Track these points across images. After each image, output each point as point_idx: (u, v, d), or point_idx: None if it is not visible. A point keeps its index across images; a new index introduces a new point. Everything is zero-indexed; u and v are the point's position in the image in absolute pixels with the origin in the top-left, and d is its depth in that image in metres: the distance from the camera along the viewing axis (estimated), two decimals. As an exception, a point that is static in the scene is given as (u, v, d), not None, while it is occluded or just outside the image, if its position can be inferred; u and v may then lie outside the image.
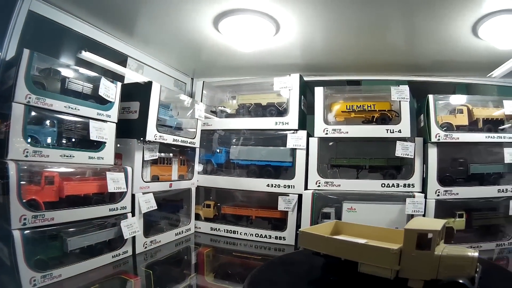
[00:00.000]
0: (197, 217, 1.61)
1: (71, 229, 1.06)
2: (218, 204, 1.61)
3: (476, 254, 0.76)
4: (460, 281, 0.73)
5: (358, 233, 1.08)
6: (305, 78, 1.62)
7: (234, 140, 1.60)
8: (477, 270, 0.78)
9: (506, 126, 1.56)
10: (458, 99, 1.56)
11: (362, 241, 0.93)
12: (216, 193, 1.64)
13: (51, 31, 1.22)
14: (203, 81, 1.65)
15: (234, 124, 1.57)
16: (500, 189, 1.50)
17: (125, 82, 1.52)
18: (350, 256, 0.86)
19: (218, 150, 1.58)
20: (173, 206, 1.55)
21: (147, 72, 1.62)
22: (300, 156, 1.45)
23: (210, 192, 1.65)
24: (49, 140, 1.07)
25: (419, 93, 1.61)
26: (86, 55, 1.38)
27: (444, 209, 1.49)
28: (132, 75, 1.55)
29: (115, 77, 1.45)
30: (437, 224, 0.83)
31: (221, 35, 1.36)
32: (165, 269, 1.24)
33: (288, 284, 0.90)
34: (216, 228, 1.57)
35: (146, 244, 1.33)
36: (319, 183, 1.44)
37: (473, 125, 1.53)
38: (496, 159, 1.53)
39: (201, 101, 1.61)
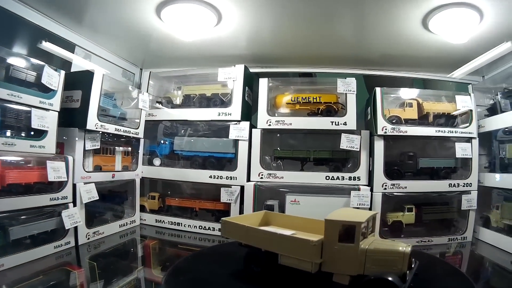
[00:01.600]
0: (143, 209, 1.80)
1: (14, 218, 1.21)
2: (163, 196, 1.79)
3: (408, 249, 0.78)
4: (389, 278, 0.74)
5: (288, 224, 1.16)
6: (255, 70, 1.81)
7: (182, 131, 1.79)
8: (412, 266, 0.81)
9: (468, 125, 1.72)
10: (408, 93, 1.74)
11: (288, 232, 1.00)
12: (162, 184, 1.83)
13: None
14: (150, 72, 1.85)
15: (178, 115, 1.76)
16: (451, 184, 1.67)
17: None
18: (270, 247, 0.91)
19: (162, 141, 1.77)
20: (118, 197, 1.74)
21: (95, 62, 1.81)
22: (243, 148, 1.64)
23: (156, 184, 1.84)
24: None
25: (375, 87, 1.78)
26: (46, 45, 1.55)
27: (393, 202, 1.68)
28: (89, 67, 1.72)
29: (64, 66, 1.62)
30: (364, 215, 0.87)
31: (164, 23, 1.54)
32: (108, 261, 1.39)
33: (210, 273, 1.02)
34: (160, 220, 1.76)
35: (88, 235, 1.51)
36: (262, 175, 1.63)
37: (423, 119, 1.70)
38: (450, 154, 1.70)
39: (147, 92, 1.80)
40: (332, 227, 0.84)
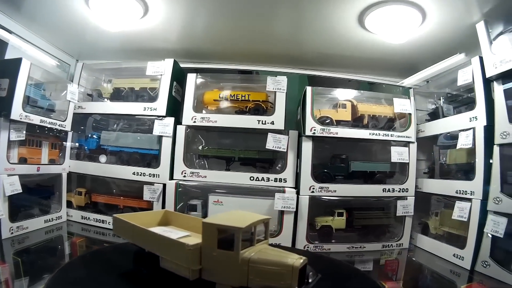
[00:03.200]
0: (70, 204, 1.91)
1: None
2: (90, 192, 1.91)
3: (298, 261, 0.76)
4: None
5: (188, 225, 1.16)
6: (190, 65, 1.92)
7: (115, 126, 1.91)
8: (309, 281, 0.79)
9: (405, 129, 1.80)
10: (344, 94, 1.82)
11: (180, 233, 1.01)
12: (90, 180, 1.95)
13: None
14: (83, 63, 1.97)
15: (106, 109, 1.88)
16: (385, 189, 1.75)
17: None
18: (151, 248, 0.93)
19: (90, 135, 1.89)
20: (44, 192, 1.86)
21: (30, 51, 1.92)
22: (166, 144, 1.75)
23: (85, 179, 1.95)
24: None
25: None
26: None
27: (323, 206, 1.78)
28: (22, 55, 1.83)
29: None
30: (249, 219, 0.86)
31: (91, 11, 1.60)
32: (33, 257, 1.46)
33: (100, 272, 1.07)
34: (86, 217, 1.87)
35: (12, 230, 1.62)
36: (185, 173, 1.73)
37: (358, 121, 1.78)
38: (388, 158, 1.79)
39: (79, 84, 1.93)
40: (210, 231, 0.82)
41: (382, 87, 2.14)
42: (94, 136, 1.90)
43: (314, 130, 1.70)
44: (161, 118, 1.77)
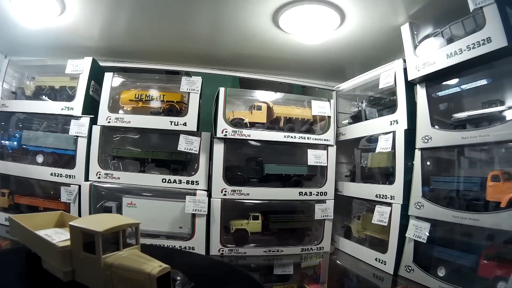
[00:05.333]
0: (-6, 206, 2.08)
1: None
2: (13, 193, 2.07)
3: (157, 269, 0.79)
4: None
5: None
6: (113, 64, 2.07)
7: (39, 125, 2.07)
8: None
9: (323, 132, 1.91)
10: (262, 96, 1.94)
11: (65, 235, 1.04)
12: (15, 180, 2.11)
13: None
14: (8, 59, 2.14)
15: (27, 107, 2.04)
16: (301, 192, 1.87)
17: None
18: (34, 248, 1.00)
19: (12, 134, 2.06)
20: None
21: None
22: (82, 145, 1.90)
23: (9, 179, 2.12)
24: None
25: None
26: None
27: (239, 209, 1.91)
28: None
29: None
30: (112, 223, 0.91)
31: (11, 4, 1.68)
32: None
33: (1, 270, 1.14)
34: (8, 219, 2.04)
35: None
36: (100, 174, 1.88)
37: (274, 124, 1.90)
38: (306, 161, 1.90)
39: (4, 80, 2.09)
40: (76, 234, 0.89)
41: (315, 91, 2.24)
42: (16, 135, 2.06)
43: (226, 132, 1.83)
44: (77, 118, 1.92)
